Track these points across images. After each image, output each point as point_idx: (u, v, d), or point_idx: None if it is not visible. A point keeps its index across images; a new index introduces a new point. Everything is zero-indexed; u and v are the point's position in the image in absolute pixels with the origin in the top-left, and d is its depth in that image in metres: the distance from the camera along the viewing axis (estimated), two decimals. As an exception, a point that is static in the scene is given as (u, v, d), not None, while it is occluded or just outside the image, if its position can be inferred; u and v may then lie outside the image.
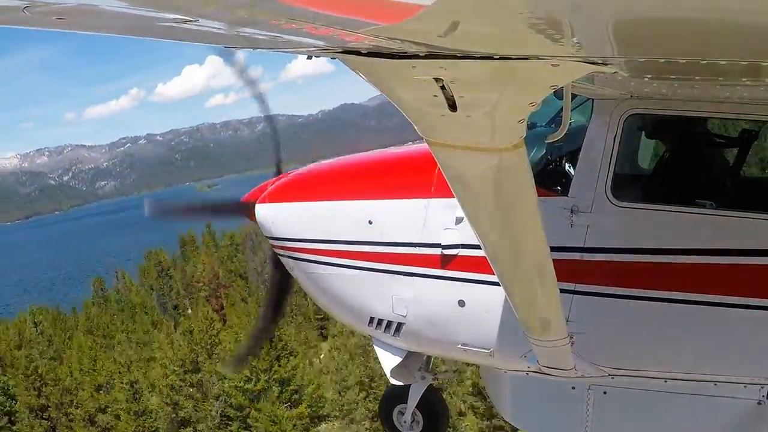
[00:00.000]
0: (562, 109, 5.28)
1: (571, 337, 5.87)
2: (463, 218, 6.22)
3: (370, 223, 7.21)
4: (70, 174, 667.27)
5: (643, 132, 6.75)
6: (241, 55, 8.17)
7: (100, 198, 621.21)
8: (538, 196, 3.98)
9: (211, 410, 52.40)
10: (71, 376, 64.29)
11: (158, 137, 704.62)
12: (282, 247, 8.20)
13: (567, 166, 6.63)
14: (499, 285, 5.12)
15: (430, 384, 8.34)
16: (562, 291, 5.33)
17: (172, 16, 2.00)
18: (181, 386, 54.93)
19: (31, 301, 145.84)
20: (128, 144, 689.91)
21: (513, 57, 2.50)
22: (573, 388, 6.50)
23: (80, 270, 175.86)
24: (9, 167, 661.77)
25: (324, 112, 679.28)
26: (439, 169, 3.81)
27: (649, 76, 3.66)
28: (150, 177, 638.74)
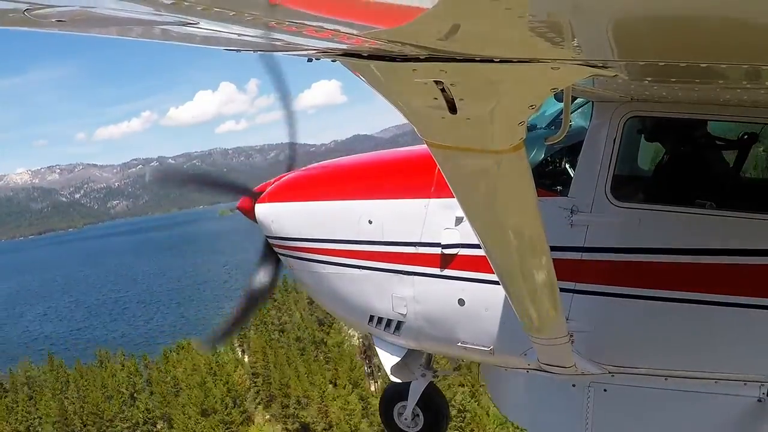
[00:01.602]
0: (562, 111, 5.29)
1: (571, 336, 5.89)
2: (462, 218, 6.24)
3: (370, 222, 7.22)
4: (82, 192, 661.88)
5: (643, 134, 6.76)
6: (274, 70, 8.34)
7: (113, 217, 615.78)
8: (539, 196, 4.00)
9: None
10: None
11: (170, 160, 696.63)
12: (282, 246, 8.22)
13: (567, 167, 6.64)
14: (499, 284, 5.14)
15: (431, 381, 8.36)
16: (562, 290, 5.34)
17: (173, 18, 2.00)
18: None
19: (103, 324, 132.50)
20: (140, 165, 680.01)
21: (513, 60, 2.50)
22: (573, 385, 6.52)
23: (140, 293, 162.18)
24: (20, 183, 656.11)
25: (337, 143, 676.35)
26: (439, 169, 3.81)
27: (649, 79, 3.67)
28: (163, 199, 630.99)
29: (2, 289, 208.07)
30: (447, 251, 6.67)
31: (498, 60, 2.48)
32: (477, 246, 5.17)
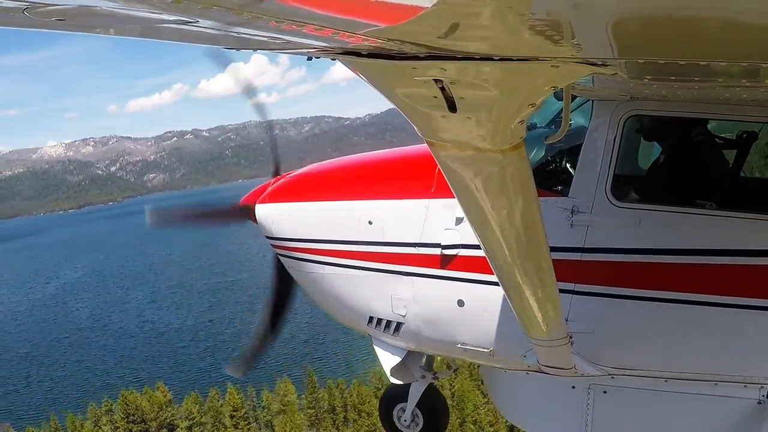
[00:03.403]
0: (562, 110, 5.29)
1: (571, 337, 5.88)
2: (462, 218, 6.24)
3: (371, 223, 7.22)
4: (118, 165, 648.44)
5: (643, 133, 6.76)
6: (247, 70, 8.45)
7: (150, 190, 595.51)
8: (539, 196, 3.99)
9: None
10: None
11: (204, 133, 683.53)
12: (282, 247, 8.22)
13: (567, 166, 6.64)
14: (499, 285, 5.13)
15: (430, 383, 8.36)
16: (562, 291, 5.34)
17: (172, 17, 2.00)
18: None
19: (239, 317, 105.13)
20: (174, 138, 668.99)
21: (513, 58, 2.50)
22: (573, 387, 6.52)
23: (255, 277, 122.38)
24: (55, 156, 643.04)
25: (372, 116, 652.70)
26: (439, 169, 3.81)
27: (648, 77, 3.65)
28: (200, 172, 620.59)
29: (78, 268, 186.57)
30: (447, 252, 6.67)
31: (498, 58, 2.47)
32: (477, 246, 5.16)
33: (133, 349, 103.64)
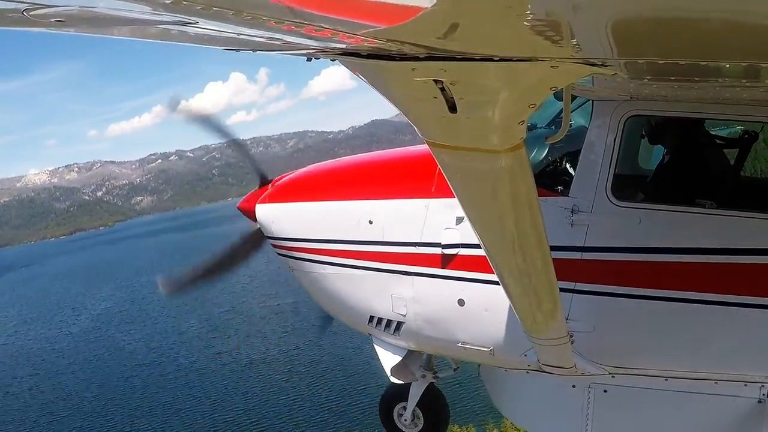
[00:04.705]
0: (562, 110, 5.29)
1: (571, 336, 5.88)
2: (463, 218, 6.24)
3: (371, 222, 7.23)
4: (104, 189, 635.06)
5: (644, 133, 6.75)
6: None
7: (140, 213, 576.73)
8: (539, 196, 3.99)
9: None
10: None
11: (189, 153, 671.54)
12: (282, 247, 8.22)
13: (567, 166, 6.64)
14: (499, 284, 5.14)
15: (431, 382, 8.36)
16: (562, 290, 5.34)
17: (171, 18, 2.00)
18: None
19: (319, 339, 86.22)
20: (159, 160, 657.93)
21: (513, 59, 2.50)
22: (573, 386, 6.52)
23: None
24: (39, 183, 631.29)
25: (355, 128, 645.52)
26: (439, 169, 3.81)
27: (648, 77, 3.65)
28: (189, 193, 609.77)
29: (105, 297, 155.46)
30: (447, 251, 6.67)
31: (497, 59, 2.47)
32: (477, 246, 5.16)
33: (226, 386, 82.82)
